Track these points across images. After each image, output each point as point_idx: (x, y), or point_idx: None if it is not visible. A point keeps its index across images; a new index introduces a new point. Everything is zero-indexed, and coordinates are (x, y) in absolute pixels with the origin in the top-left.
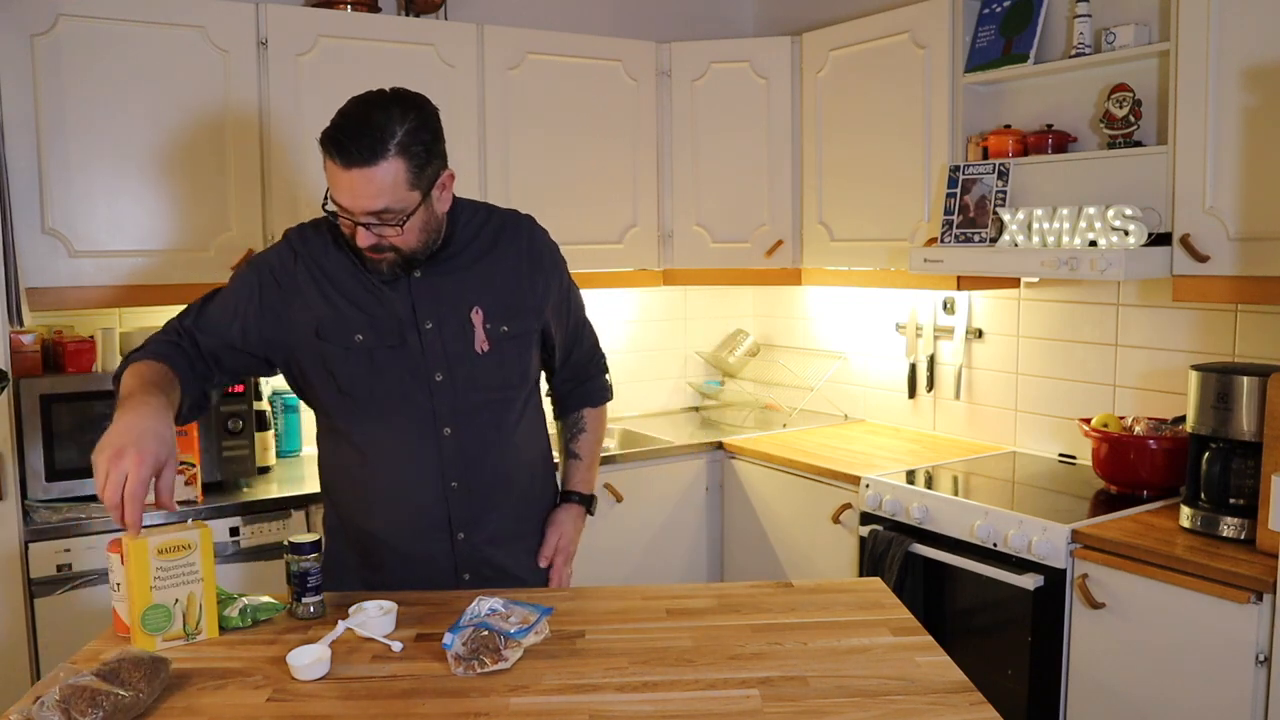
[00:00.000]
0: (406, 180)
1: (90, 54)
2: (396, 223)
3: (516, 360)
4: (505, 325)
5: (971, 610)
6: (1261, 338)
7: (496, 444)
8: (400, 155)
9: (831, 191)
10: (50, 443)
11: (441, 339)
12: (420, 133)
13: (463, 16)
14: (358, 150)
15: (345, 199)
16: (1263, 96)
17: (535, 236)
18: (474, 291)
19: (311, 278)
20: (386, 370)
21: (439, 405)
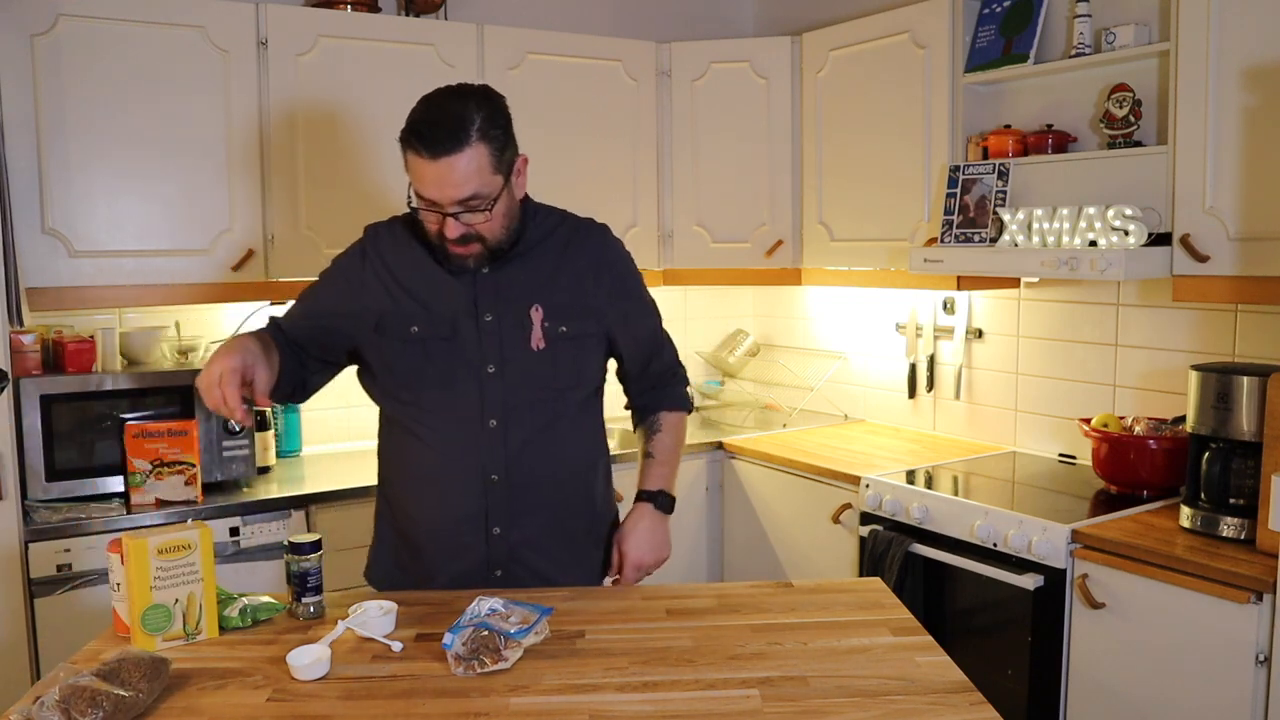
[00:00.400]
0: (490, 164)
1: (90, 54)
2: (484, 208)
3: (571, 361)
4: (564, 326)
5: (971, 610)
6: (1261, 338)
7: (541, 443)
8: (482, 140)
9: (831, 191)
10: (50, 443)
11: (499, 332)
12: (496, 118)
13: (463, 16)
14: (442, 140)
15: (433, 190)
16: (1263, 96)
17: (608, 244)
18: (537, 289)
19: (377, 275)
20: (438, 359)
21: (487, 397)
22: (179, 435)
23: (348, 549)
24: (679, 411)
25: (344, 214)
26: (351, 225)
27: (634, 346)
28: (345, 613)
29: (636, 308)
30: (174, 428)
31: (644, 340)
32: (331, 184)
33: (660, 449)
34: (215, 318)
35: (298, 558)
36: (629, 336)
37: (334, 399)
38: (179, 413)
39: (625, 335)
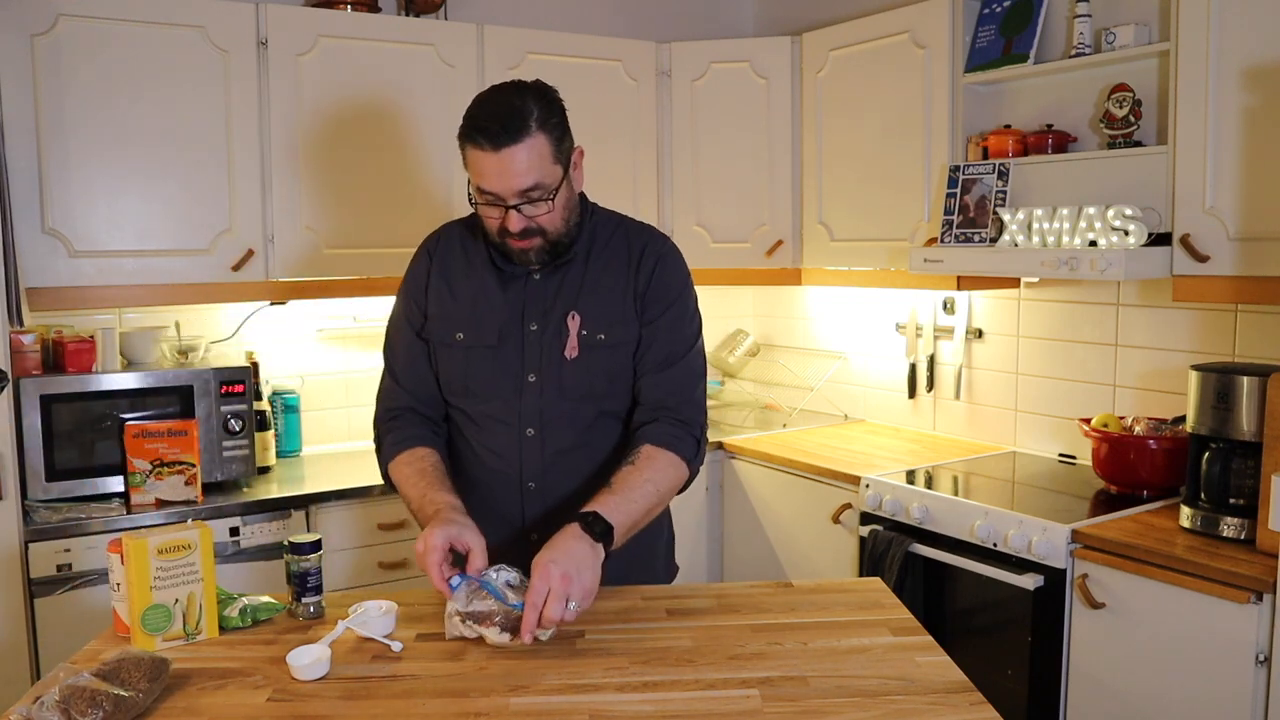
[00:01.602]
0: (550, 154)
1: (90, 54)
2: (546, 198)
3: (605, 370)
4: (602, 333)
5: (971, 610)
6: (1261, 338)
7: (577, 450)
8: (541, 130)
9: (831, 191)
10: (50, 443)
11: (541, 341)
12: (552, 109)
13: (463, 16)
14: (504, 131)
15: (495, 183)
16: (1263, 96)
17: (664, 255)
18: (576, 296)
19: (438, 276)
20: (480, 368)
21: (525, 406)
22: (179, 435)
23: (348, 549)
24: (670, 453)
25: (344, 214)
26: (352, 225)
27: (648, 365)
28: (345, 613)
29: (664, 318)
30: (174, 428)
31: (664, 358)
32: (332, 184)
33: (621, 479)
34: (215, 318)
35: (298, 558)
36: (646, 350)
37: (334, 399)
38: (179, 413)
39: (644, 348)
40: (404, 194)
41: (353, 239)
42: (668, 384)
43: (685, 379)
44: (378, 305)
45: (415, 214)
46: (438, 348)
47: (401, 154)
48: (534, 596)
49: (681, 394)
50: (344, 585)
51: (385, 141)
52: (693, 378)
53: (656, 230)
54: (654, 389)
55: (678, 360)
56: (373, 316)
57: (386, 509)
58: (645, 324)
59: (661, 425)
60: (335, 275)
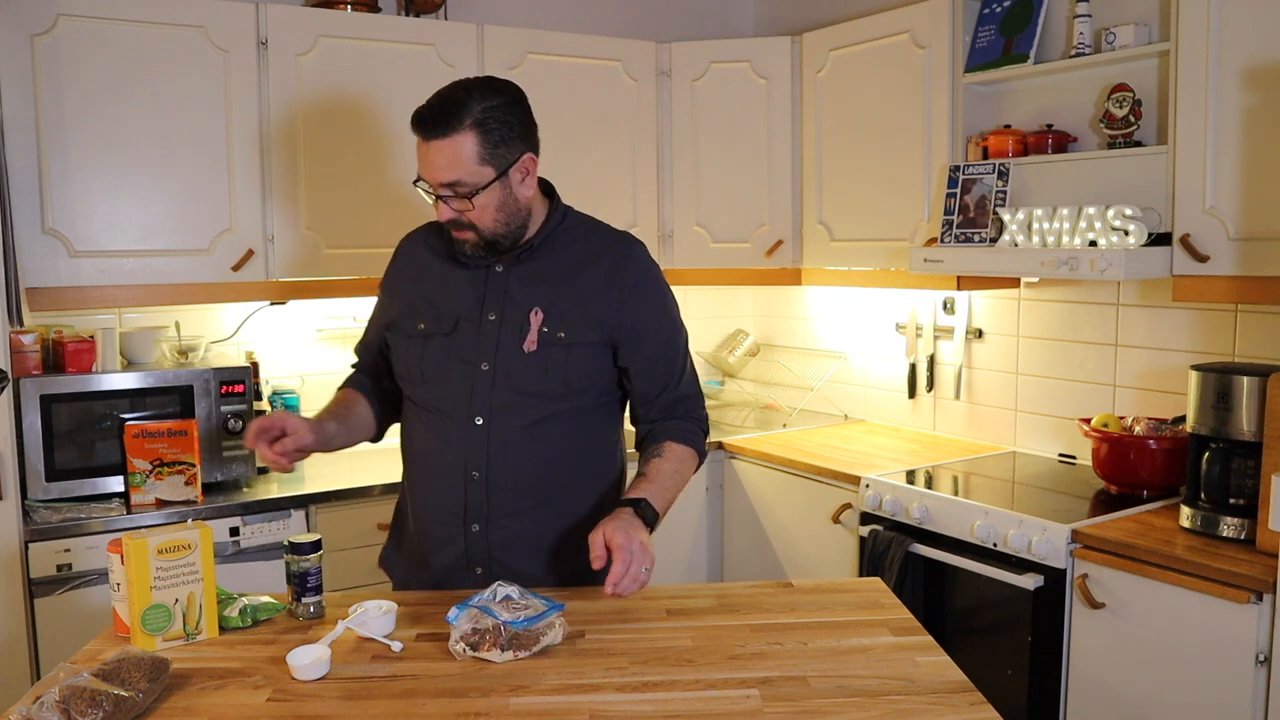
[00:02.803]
0: (478, 154)
1: (90, 54)
2: (467, 195)
3: (561, 367)
4: (562, 332)
5: (971, 610)
6: (1261, 338)
7: (524, 445)
8: (474, 129)
9: (831, 191)
10: (50, 443)
11: (499, 332)
12: (499, 111)
13: (463, 16)
14: (434, 123)
15: (424, 170)
16: (1263, 96)
17: (632, 257)
18: (542, 293)
19: (400, 280)
20: (435, 354)
21: (477, 394)
22: (179, 435)
23: (348, 549)
24: (687, 447)
25: (344, 214)
26: (352, 225)
27: (642, 365)
28: (345, 613)
29: (652, 325)
30: (174, 428)
31: (655, 361)
32: (332, 184)
33: (654, 469)
34: (215, 318)
35: (298, 558)
36: (637, 353)
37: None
38: (179, 413)
39: (633, 351)
40: (403, 194)
41: (352, 239)
42: (680, 398)
43: (691, 390)
44: None
45: (415, 214)
46: (402, 340)
47: (401, 154)
48: (622, 554)
49: (690, 403)
50: (344, 585)
51: (385, 142)
52: (697, 386)
53: (630, 238)
54: (669, 405)
55: (676, 359)
56: None
57: (386, 509)
58: (636, 322)
59: (678, 424)
60: (335, 275)
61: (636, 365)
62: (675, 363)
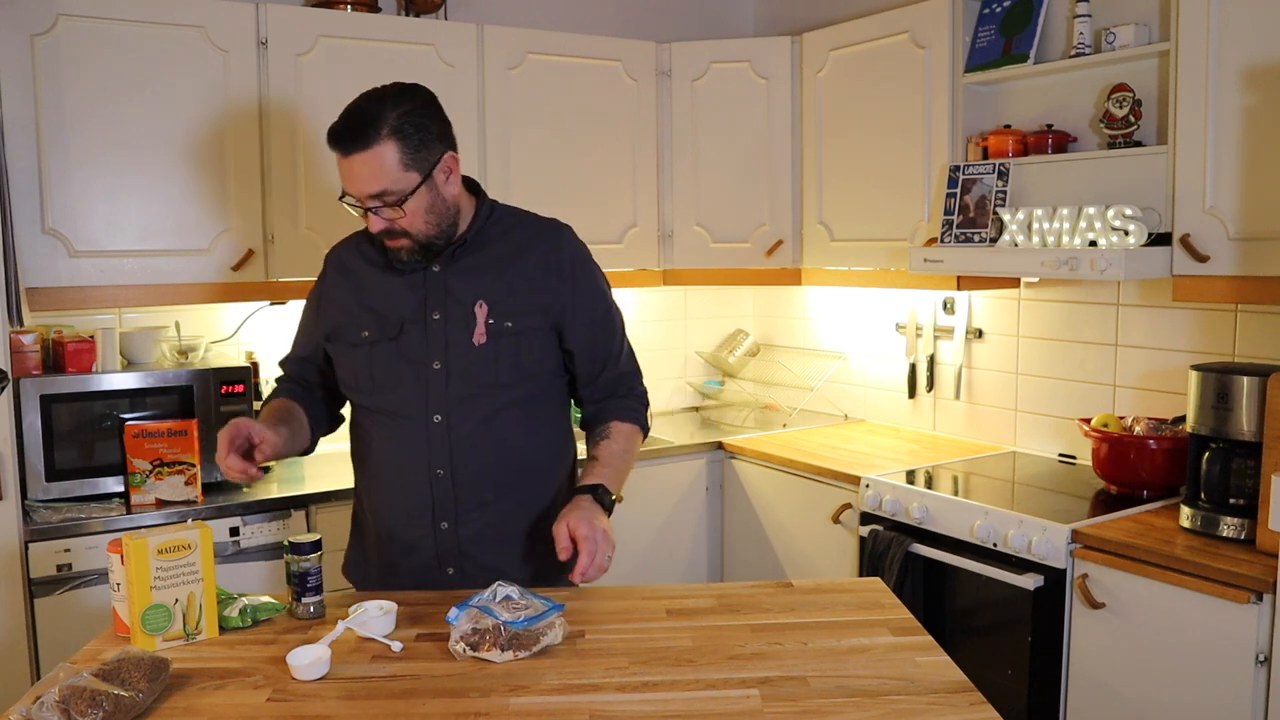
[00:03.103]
0: (400, 161)
1: (90, 54)
2: (396, 202)
3: (513, 356)
4: (509, 321)
5: (971, 610)
6: (1261, 338)
7: (485, 437)
8: (392, 137)
9: (831, 191)
10: (50, 443)
11: (446, 329)
12: (414, 116)
13: (463, 16)
14: (352, 137)
15: (349, 185)
16: (1263, 96)
17: (563, 241)
18: (483, 286)
19: (333, 293)
20: (385, 359)
21: (433, 393)
22: (179, 435)
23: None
24: (632, 425)
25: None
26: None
27: (582, 344)
28: (345, 613)
29: (587, 303)
30: (174, 428)
31: (594, 339)
32: (331, 184)
33: (604, 452)
34: (215, 318)
35: (298, 558)
36: (577, 332)
37: None
38: (179, 413)
39: (574, 330)
40: None
41: None
42: (618, 376)
43: (629, 368)
44: None
45: None
46: (346, 350)
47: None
48: (587, 545)
49: (629, 381)
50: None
51: None
52: (634, 363)
53: (560, 224)
54: (608, 384)
55: (612, 336)
56: None
57: None
58: (573, 301)
59: (620, 401)
60: None
61: (578, 346)
62: (613, 341)
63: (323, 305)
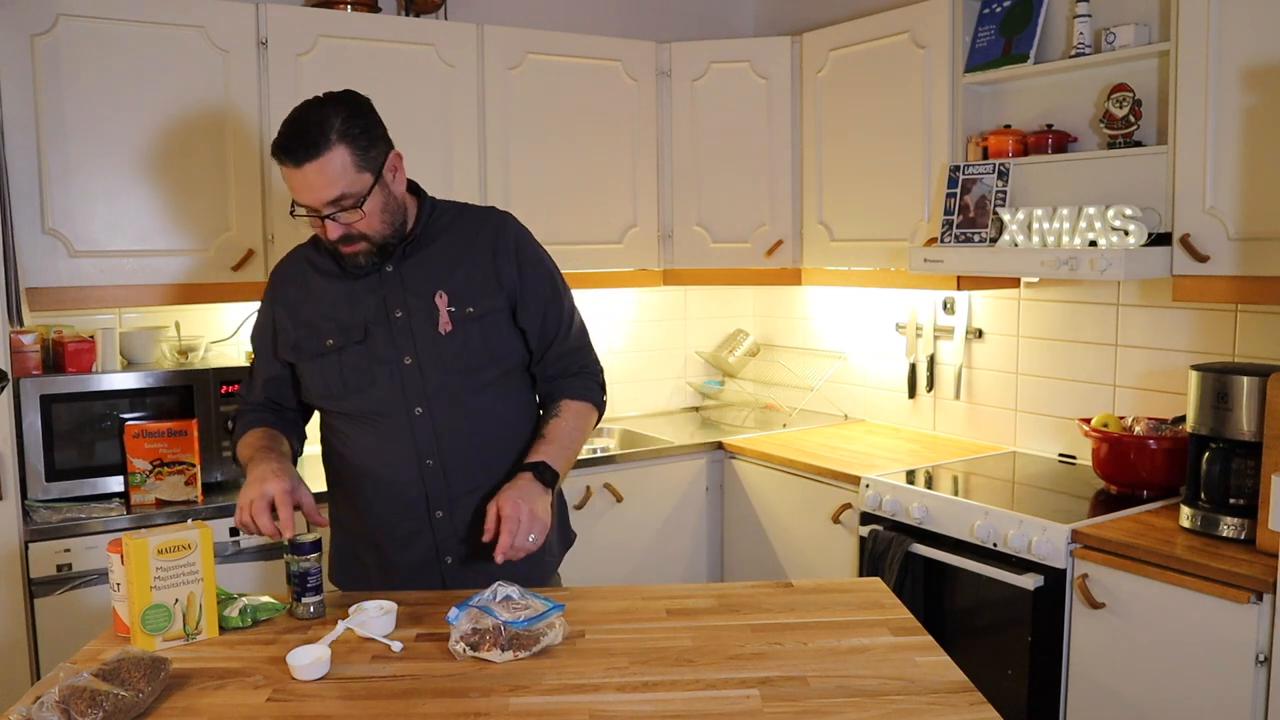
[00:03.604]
0: (354, 163)
1: (90, 54)
2: (355, 205)
3: (481, 340)
4: (470, 307)
5: (971, 610)
6: (1261, 338)
7: (468, 423)
8: (341, 141)
9: (831, 191)
10: (50, 443)
11: (411, 325)
12: (355, 119)
13: (463, 16)
14: (303, 147)
15: (305, 196)
16: (1263, 96)
17: (506, 225)
18: (439, 278)
19: (284, 312)
20: (355, 363)
21: (409, 387)
22: (179, 435)
23: None
24: (584, 402)
25: None
26: None
27: (532, 320)
28: (345, 613)
29: (532, 280)
30: (174, 428)
31: (544, 317)
32: None
33: (552, 430)
34: (215, 318)
35: (297, 558)
36: (528, 308)
37: None
38: (179, 413)
39: (524, 307)
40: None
41: None
42: (570, 352)
43: (580, 342)
44: None
45: None
46: (311, 360)
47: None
48: (509, 524)
49: (579, 357)
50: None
51: None
52: (584, 338)
53: (499, 210)
54: (557, 360)
55: (570, 329)
56: None
57: None
58: (529, 306)
59: (571, 380)
60: None
61: (529, 324)
62: (561, 316)
63: (278, 324)
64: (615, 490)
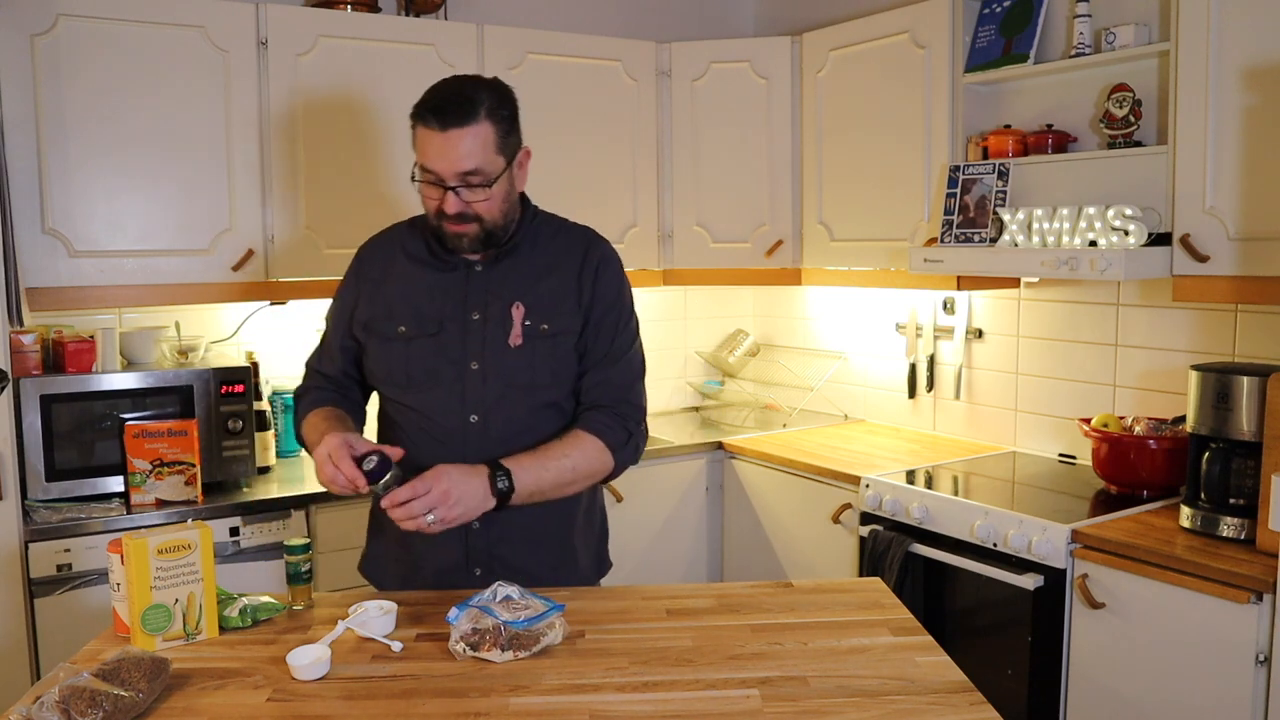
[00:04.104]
0: (495, 143)
1: (90, 54)
2: (483, 183)
3: (549, 359)
4: (545, 324)
5: (971, 610)
6: (1261, 338)
7: (520, 438)
8: (489, 119)
9: (831, 191)
10: (50, 443)
11: (484, 330)
12: (504, 103)
13: (463, 16)
14: (453, 113)
15: (439, 162)
16: (1263, 96)
17: (596, 246)
18: (521, 288)
19: (366, 288)
20: (424, 356)
21: (469, 393)
22: (179, 435)
23: (347, 549)
24: (598, 440)
25: (344, 214)
26: (351, 225)
27: (588, 341)
28: (345, 613)
29: (602, 303)
30: (174, 428)
31: (598, 339)
32: (332, 184)
33: (546, 448)
34: (215, 318)
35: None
36: (588, 327)
37: None
38: (179, 413)
39: (587, 329)
40: (403, 193)
41: (353, 239)
42: (608, 381)
43: (624, 378)
44: None
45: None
46: (380, 343)
47: (402, 154)
48: (419, 484)
49: (619, 392)
50: (344, 585)
51: (385, 141)
52: (631, 376)
53: (596, 233)
54: (595, 386)
55: (619, 359)
56: None
57: None
58: (590, 325)
59: (598, 414)
60: (335, 275)
61: (586, 343)
62: (614, 344)
63: (352, 298)
64: (615, 490)
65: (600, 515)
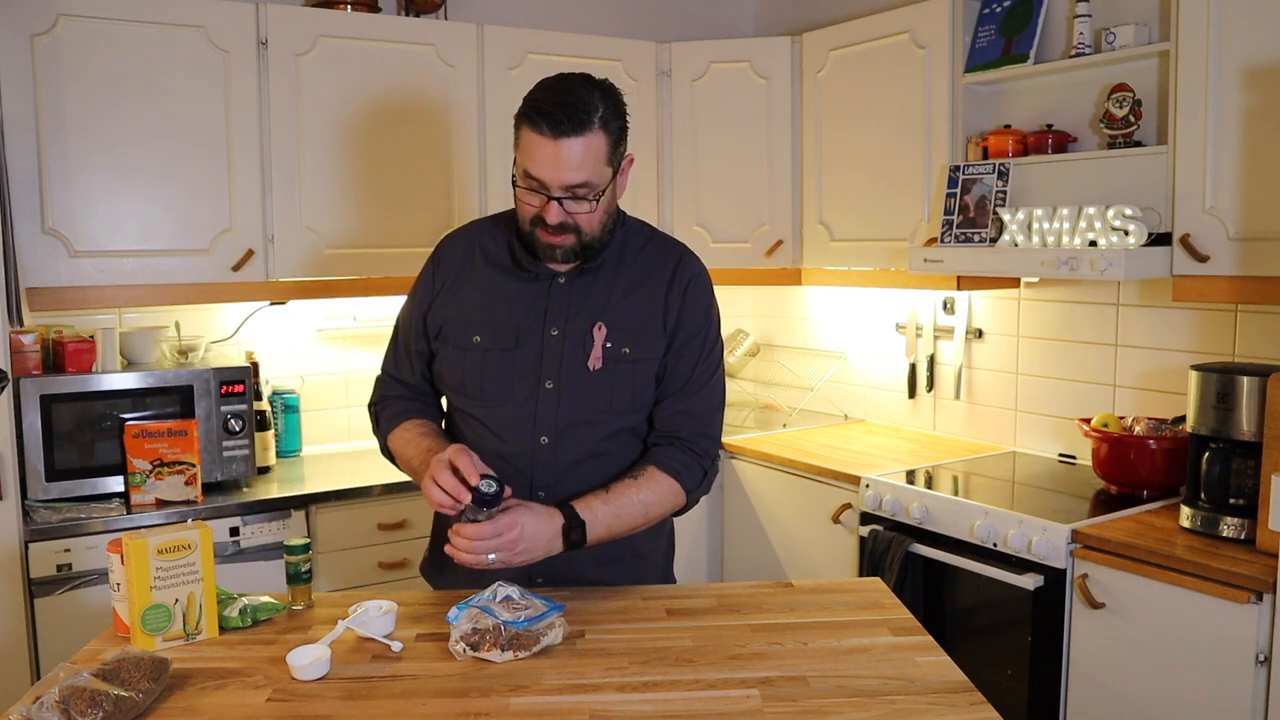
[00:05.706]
0: (606, 154)
1: (90, 54)
2: (591, 197)
3: (628, 384)
4: (627, 347)
5: (971, 610)
6: (1261, 338)
7: (590, 462)
8: (603, 129)
9: (831, 191)
10: (50, 443)
11: (562, 348)
12: (618, 111)
13: (463, 16)
14: (568, 121)
15: (546, 171)
16: (1263, 96)
17: (686, 263)
18: (604, 306)
19: (445, 282)
20: (495, 371)
21: (541, 414)
22: (179, 435)
23: (348, 549)
24: (671, 479)
25: (344, 214)
26: (352, 225)
27: (670, 364)
28: (345, 613)
29: (689, 326)
30: (174, 428)
31: (680, 362)
32: (332, 184)
33: (618, 488)
34: (215, 318)
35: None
36: (670, 353)
37: (334, 399)
38: (179, 413)
39: (669, 351)
40: (404, 194)
41: (353, 239)
42: (686, 412)
43: (703, 408)
44: (378, 305)
45: (415, 214)
46: (453, 351)
47: (402, 154)
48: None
49: (698, 425)
50: (344, 585)
51: (385, 141)
52: (711, 408)
53: (687, 248)
54: (673, 416)
55: (700, 388)
56: (373, 316)
57: (386, 509)
58: (672, 349)
59: (674, 450)
60: (335, 275)
61: (665, 366)
62: (695, 370)
63: (429, 297)
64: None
65: (669, 530)
